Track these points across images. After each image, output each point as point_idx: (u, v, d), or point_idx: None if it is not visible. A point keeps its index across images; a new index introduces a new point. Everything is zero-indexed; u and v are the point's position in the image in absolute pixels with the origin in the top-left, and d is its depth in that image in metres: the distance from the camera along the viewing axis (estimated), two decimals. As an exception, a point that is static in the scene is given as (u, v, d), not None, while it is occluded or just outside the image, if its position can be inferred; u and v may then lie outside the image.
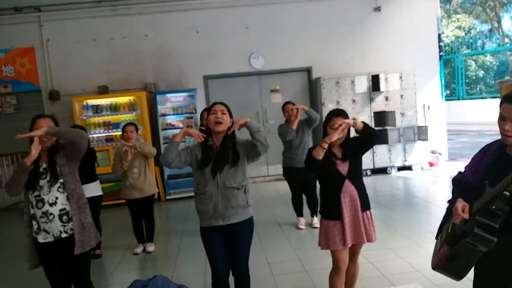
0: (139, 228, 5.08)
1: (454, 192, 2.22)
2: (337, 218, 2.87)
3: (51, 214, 2.74)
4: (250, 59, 8.62)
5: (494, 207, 1.83)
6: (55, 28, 8.19)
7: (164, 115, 8.02)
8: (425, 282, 3.46)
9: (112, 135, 7.85)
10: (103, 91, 8.09)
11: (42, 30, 8.18)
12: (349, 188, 2.88)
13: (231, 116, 2.90)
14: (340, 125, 2.80)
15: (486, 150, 2.12)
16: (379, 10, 8.73)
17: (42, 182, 2.77)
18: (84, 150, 2.87)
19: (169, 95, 8.08)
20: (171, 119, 8.09)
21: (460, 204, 1.97)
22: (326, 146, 2.79)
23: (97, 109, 7.82)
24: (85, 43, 8.27)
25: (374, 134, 2.91)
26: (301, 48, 8.67)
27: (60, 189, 2.79)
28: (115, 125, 7.82)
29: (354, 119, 2.90)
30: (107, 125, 7.82)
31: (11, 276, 4.62)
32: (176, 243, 5.33)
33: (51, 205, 2.75)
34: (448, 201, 2.27)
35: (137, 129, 5.00)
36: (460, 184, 2.19)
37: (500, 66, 20.22)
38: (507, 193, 1.77)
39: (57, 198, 2.77)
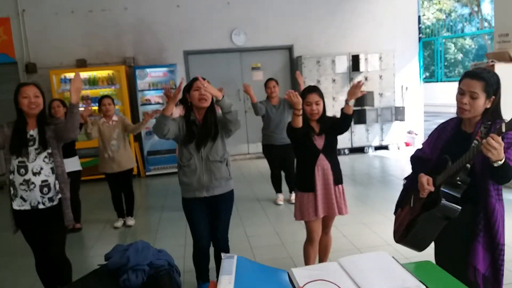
0: (119, 202, 5.11)
1: (414, 168, 2.37)
2: (311, 190, 2.99)
3: (33, 183, 2.76)
4: (232, 36, 8.57)
5: (458, 178, 1.99)
6: (31, -2, 7.96)
7: (143, 90, 7.95)
8: (396, 254, 3.64)
9: (90, 109, 7.74)
10: (82, 64, 7.95)
11: (18, 0, 7.93)
12: (323, 162, 3.00)
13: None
14: (316, 112, 2.96)
15: (443, 128, 2.27)
16: (361, -10, 8.76)
17: (29, 149, 2.78)
18: (68, 141, 2.98)
19: (148, 70, 8.00)
20: (150, 95, 8.03)
21: (425, 178, 2.11)
22: (299, 112, 2.84)
23: (75, 83, 7.70)
24: (63, 15, 8.06)
25: (349, 124, 3.03)
26: (283, 26, 8.66)
27: (46, 160, 2.82)
28: (94, 100, 7.68)
29: (348, 100, 2.94)
30: (85, 99, 7.68)
31: None
32: (156, 217, 5.40)
33: (34, 174, 2.77)
34: (405, 178, 2.47)
35: (113, 102, 5.01)
36: (419, 160, 2.34)
37: (479, 49, 20.62)
38: (468, 166, 1.94)
39: (41, 168, 2.80)
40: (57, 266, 3.00)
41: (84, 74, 7.79)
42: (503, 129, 1.75)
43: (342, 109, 2.96)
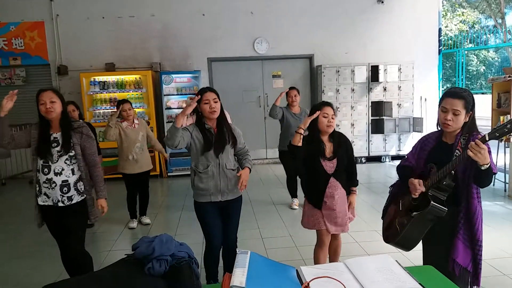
0: (133, 202, 5.23)
1: (401, 176, 2.61)
2: (319, 207, 3.15)
3: (54, 182, 2.98)
4: (254, 44, 8.80)
5: (444, 183, 2.25)
6: (65, 3, 8.36)
7: (168, 94, 8.25)
8: (403, 259, 3.77)
9: (114, 111, 8.07)
10: (110, 68, 8.30)
11: (52, 5, 8.35)
12: (333, 184, 3.11)
13: (220, 100, 3.08)
14: (332, 125, 3.10)
15: (425, 140, 2.54)
16: (382, 2, 8.89)
17: (52, 151, 2.98)
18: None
19: (174, 75, 8.29)
20: (174, 99, 8.32)
21: (416, 180, 2.36)
22: (301, 131, 3.00)
23: (104, 86, 8.06)
24: (94, 20, 8.45)
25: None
26: (304, 35, 8.85)
27: (68, 162, 3.01)
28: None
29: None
30: (113, 102, 8.06)
31: (21, 235, 5.06)
32: (176, 216, 5.63)
33: (56, 174, 2.98)
34: (391, 186, 2.75)
35: (132, 106, 5.13)
36: (405, 169, 2.58)
37: (503, 62, 20.31)
38: (453, 172, 2.22)
39: (62, 169, 2.99)
40: (76, 258, 3.18)
41: (113, 77, 8.13)
42: (487, 138, 2.01)
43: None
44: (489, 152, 2.18)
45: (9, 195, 7.53)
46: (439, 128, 2.43)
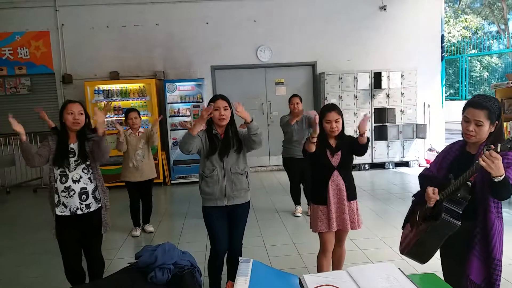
0: (136, 211, 5.23)
1: (421, 184, 2.53)
2: (324, 203, 3.16)
3: (73, 190, 3.03)
4: (257, 52, 8.86)
5: (458, 195, 2.14)
6: (70, 13, 8.45)
7: (172, 102, 8.30)
8: (407, 267, 3.76)
9: (121, 119, 8.10)
10: (114, 76, 8.38)
11: (57, 15, 8.44)
12: (337, 178, 3.15)
13: (231, 107, 3.16)
14: (336, 129, 3.11)
15: (449, 149, 2.44)
16: (385, 9, 8.93)
17: (71, 160, 3.05)
18: (100, 163, 3.20)
19: (177, 84, 8.34)
20: (178, 107, 8.37)
21: (430, 188, 2.27)
22: (314, 140, 3.06)
23: (108, 94, 8.11)
24: (98, 30, 8.54)
25: (366, 150, 3.18)
26: (307, 43, 8.90)
27: (85, 170, 3.09)
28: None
29: (362, 133, 3.07)
30: (117, 110, 8.11)
31: (27, 243, 5.10)
32: (179, 223, 5.64)
33: (74, 182, 3.04)
34: (414, 195, 2.63)
35: (139, 115, 5.15)
36: (426, 178, 2.50)
37: (507, 67, 20.26)
38: (469, 183, 2.10)
39: (81, 177, 3.06)
40: (94, 262, 3.28)
41: (117, 86, 8.20)
42: (498, 149, 1.91)
43: (356, 139, 3.13)
44: (511, 163, 2.08)
45: (13, 203, 7.56)
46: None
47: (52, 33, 8.51)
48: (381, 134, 8.66)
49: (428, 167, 2.59)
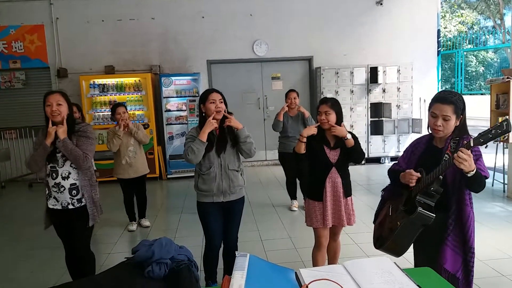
0: (131, 206, 5.22)
1: (392, 179, 2.59)
2: (320, 199, 3.17)
3: (62, 186, 3.01)
4: (253, 46, 8.83)
5: (432, 188, 2.21)
6: (65, 7, 8.38)
7: (167, 97, 8.27)
8: (403, 261, 3.79)
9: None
10: (110, 71, 8.33)
11: (52, 9, 8.37)
12: (334, 175, 3.15)
13: (225, 102, 3.14)
14: (326, 121, 3.08)
15: (416, 144, 2.52)
16: (381, 4, 8.92)
17: (58, 156, 3.01)
18: (83, 168, 3.07)
19: (173, 78, 8.32)
20: (174, 101, 8.35)
21: (408, 171, 2.33)
22: (304, 140, 3.08)
23: (103, 88, 8.08)
24: (94, 23, 8.48)
25: (361, 154, 3.15)
26: (303, 37, 8.89)
27: (73, 165, 3.03)
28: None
29: (345, 136, 3.07)
30: (112, 104, 8.06)
31: (22, 237, 5.11)
32: (175, 218, 5.65)
33: (63, 178, 3.01)
34: (383, 190, 2.70)
35: (127, 109, 5.06)
36: (396, 173, 2.54)
37: (502, 62, 20.34)
38: (441, 177, 2.17)
39: (69, 173, 3.02)
40: (83, 258, 3.21)
41: (112, 80, 8.16)
42: (472, 144, 1.99)
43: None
44: (480, 155, 2.17)
45: (8, 198, 7.54)
46: (430, 132, 2.40)
47: (47, 26, 8.44)
48: (377, 128, 8.69)
49: (396, 162, 2.63)
